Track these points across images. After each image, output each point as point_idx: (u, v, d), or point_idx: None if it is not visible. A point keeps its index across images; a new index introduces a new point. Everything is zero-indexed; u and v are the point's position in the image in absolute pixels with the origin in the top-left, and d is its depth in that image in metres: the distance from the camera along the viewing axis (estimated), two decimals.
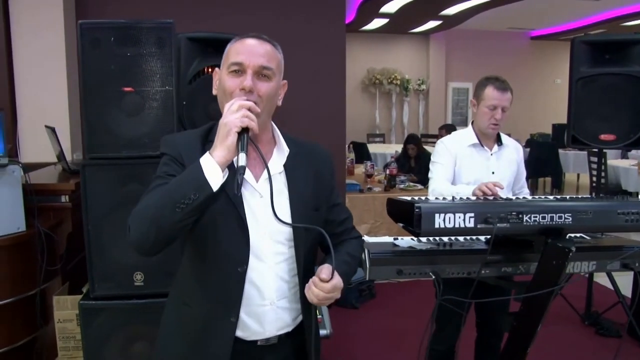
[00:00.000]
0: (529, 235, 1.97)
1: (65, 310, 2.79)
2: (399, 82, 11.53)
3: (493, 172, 2.60)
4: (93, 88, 2.50)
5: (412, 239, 2.17)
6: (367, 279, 2.06)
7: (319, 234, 1.46)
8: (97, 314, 2.57)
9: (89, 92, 2.51)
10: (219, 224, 1.41)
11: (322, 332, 2.80)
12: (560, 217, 1.89)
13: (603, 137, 3.50)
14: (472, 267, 2.05)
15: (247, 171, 1.42)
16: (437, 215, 1.81)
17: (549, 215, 1.88)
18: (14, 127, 3.95)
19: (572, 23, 10.28)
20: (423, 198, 2.00)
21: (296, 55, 4.49)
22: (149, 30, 2.53)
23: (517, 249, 2.07)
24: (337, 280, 1.41)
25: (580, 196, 2.13)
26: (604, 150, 4.31)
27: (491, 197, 2.15)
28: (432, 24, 9.94)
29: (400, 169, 6.07)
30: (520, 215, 1.86)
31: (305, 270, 1.53)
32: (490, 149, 2.64)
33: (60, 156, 3.35)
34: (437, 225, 1.82)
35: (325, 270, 1.41)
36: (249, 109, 1.32)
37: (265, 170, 1.43)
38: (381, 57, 11.50)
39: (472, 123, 2.69)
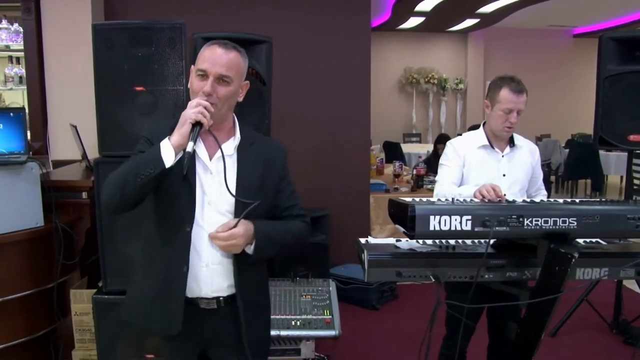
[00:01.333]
0: (531, 239, 1.91)
1: (82, 304, 2.86)
2: (436, 81, 11.38)
3: (504, 175, 2.52)
4: (107, 87, 2.56)
5: (417, 241, 2.14)
6: (366, 280, 2.03)
7: (261, 211, 1.77)
8: (110, 308, 2.63)
9: (102, 91, 2.56)
10: (174, 191, 1.72)
11: (331, 332, 2.79)
12: (564, 222, 1.83)
13: (632, 137, 3.36)
14: (475, 272, 2.00)
15: (203, 150, 1.77)
16: (432, 217, 1.78)
17: (552, 219, 1.82)
18: (45, 125, 4.08)
19: (618, 19, 9.92)
20: (424, 199, 1.96)
21: (320, 54, 4.50)
22: (160, 30, 2.56)
23: (523, 254, 2.01)
24: (236, 230, 1.68)
25: (590, 199, 2.04)
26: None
27: (496, 200, 2.08)
28: (469, 22, 9.76)
29: (430, 169, 5.98)
30: (521, 219, 1.81)
31: None
32: (502, 151, 2.56)
33: (83, 154, 3.43)
34: (432, 228, 1.78)
35: (222, 226, 1.70)
36: (205, 108, 1.63)
37: (218, 151, 1.74)
38: (418, 56, 11.36)
39: (484, 124, 2.62)
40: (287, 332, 2.76)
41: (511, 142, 2.59)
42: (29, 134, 4.10)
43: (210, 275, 1.77)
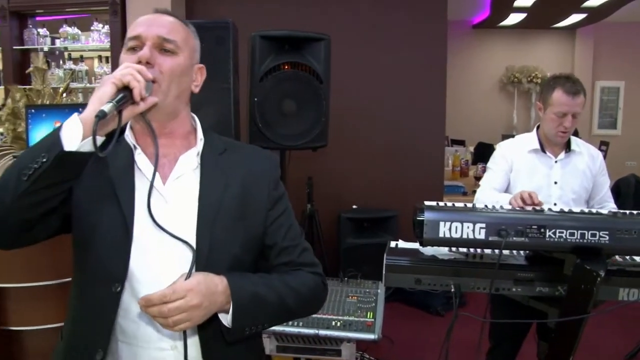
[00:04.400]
0: (556, 253, 1.76)
1: None
2: (539, 80, 10.76)
3: (555, 182, 2.34)
4: None
5: (449, 249, 2.04)
6: (384, 286, 1.97)
7: (240, 255, 1.19)
8: None
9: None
10: (101, 226, 1.13)
11: (370, 336, 2.72)
12: (593, 235, 1.66)
13: None
14: (502, 284, 1.88)
15: (150, 169, 1.18)
16: (442, 224, 1.69)
17: (579, 232, 1.67)
18: None
19: None
20: (440, 204, 1.86)
21: (394, 50, 4.42)
22: (209, 29, 2.63)
23: (555, 268, 1.85)
24: (186, 284, 1.06)
25: (633, 212, 1.84)
26: None
27: (529, 208, 1.94)
28: (576, 18, 9.11)
29: None
30: (542, 230, 1.67)
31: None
32: (555, 156, 2.37)
33: None
34: (441, 235, 1.70)
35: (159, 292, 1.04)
36: (140, 72, 1.08)
37: (174, 171, 1.20)
38: (521, 54, 10.79)
39: (537, 127, 2.44)
40: (325, 332, 2.73)
41: (567, 147, 2.39)
42: None
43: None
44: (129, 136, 1.21)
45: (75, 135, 0.98)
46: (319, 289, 1.28)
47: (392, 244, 2.15)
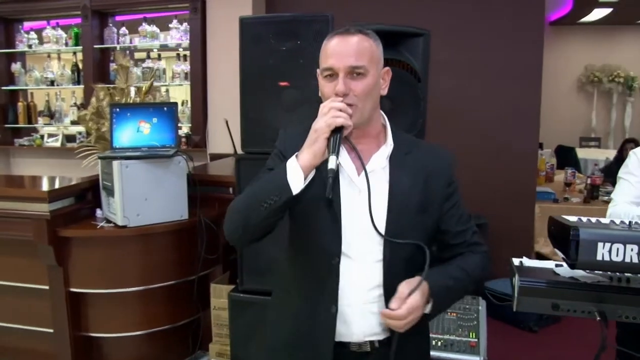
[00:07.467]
0: None
1: (220, 299, 2.86)
2: (622, 80, 10.15)
3: None
4: (251, 83, 2.53)
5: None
6: (514, 310, 1.73)
7: (423, 239, 1.43)
8: (245, 307, 2.58)
9: (247, 87, 2.54)
10: (314, 216, 1.45)
11: (475, 358, 2.49)
12: None
13: None
14: None
15: (350, 164, 1.46)
16: (600, 245, 1.45)
17: None
18: (205, 119, 4.23)
19: None
20: (592, 220, 1.61)
21: (483, 49, 4.15)
22: (307, 23, 2.47)
23: None
24: (414, 301, 1.35)
25: None
26: None
27: None
28: None
29: (609, 178, 5.28)
30: None
31: (394, 279, 1.43)
32: None
33: (234, 148, 3.47)
34: (599, 257, 1.46)
35: (395, 300, 1.35)
36: (340, 110, 1.32)
37: (367, 166, 1.43)
38: (602, 52, 10.20)
39: None
40: None
41: None
42: (187, 127, 4.31)
43: (363, 316, 1.47)
44: None
45: (298, 182, 1.32)
46: (485, 264, 1.57)
47: (516, 261, 1.90)
